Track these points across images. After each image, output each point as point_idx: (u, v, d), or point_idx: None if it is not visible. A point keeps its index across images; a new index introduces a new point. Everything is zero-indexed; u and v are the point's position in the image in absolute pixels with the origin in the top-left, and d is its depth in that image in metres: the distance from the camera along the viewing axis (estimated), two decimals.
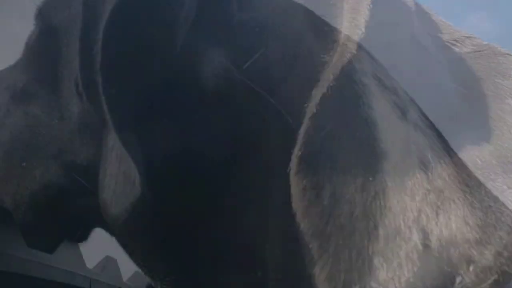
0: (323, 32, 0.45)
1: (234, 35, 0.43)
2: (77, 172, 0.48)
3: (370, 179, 0.36)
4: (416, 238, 0.34)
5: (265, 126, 0.40)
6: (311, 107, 0.39)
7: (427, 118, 0.43)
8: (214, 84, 0.42)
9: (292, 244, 0.36)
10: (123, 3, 0.36)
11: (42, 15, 0.56)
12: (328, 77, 0.41)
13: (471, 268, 0.33)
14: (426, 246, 0.34)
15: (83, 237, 0.58)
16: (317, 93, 0.40)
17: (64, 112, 0.50)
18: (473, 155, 0.40)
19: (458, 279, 0.32)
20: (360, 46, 0.46)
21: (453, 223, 0.35)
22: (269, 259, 0.38)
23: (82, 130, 0.48)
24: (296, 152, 0.37)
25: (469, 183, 0.38)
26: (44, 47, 0.55)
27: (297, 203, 0.36)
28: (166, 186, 0.44)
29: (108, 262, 0.77)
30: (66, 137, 0.50)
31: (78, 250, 0.61)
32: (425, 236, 0.34)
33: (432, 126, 0.42)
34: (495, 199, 0.38)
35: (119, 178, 0.37)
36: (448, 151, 0.40)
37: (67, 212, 0.51)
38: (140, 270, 0.51)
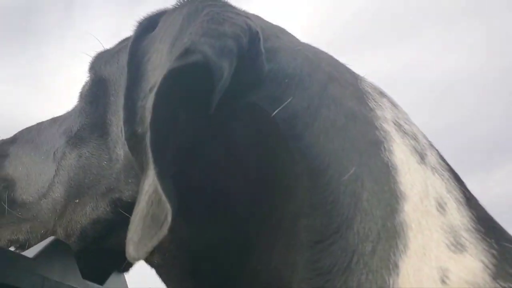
0: (346, 81, 0.50)
1: (264, 85, 0.47)
2: (122, 208, 0.53)
3: (392, 219, 0.40)
4: (435, 274, 0.37)
5: (293, 169, 0.44)
6: (335, 151, 0.43)
7: (444, 161, 0.46)
8: (247, 132, 0.47)
9: (318, 279, 0.39)
10: (172, 75, 0.40)
11: (94, 67, 0.64)
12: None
13: None
14: (444, 282, 0.36)
15: (128, 267, 0.64)
16: (341, 138, 0.44)
17: (111, 154, 0.56)
18: None
19: None
20: (381, 93, 0.50)
21: (469, 262, 0.37)
22: None
23: (127, 170, 0.53)
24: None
25: (484, 224, 0.41)
26: (95, 96, 0.62)
27: (323, 241, 0.40)
28: (196, 221, 0.48)
29: None
30: (113, 177, 0.55)
31: (125, 283, 0.65)
32: (444, 273, 0.36)
33: (450, 169, 0.45)
34: (508, 236, 0.41)
35: (147, 220, 0.40)
36: (465, 193, 0.43)
37: (113, 245, 0.56)
38: None
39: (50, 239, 0.51)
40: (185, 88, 0.42)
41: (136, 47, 0.49)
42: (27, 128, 0.72)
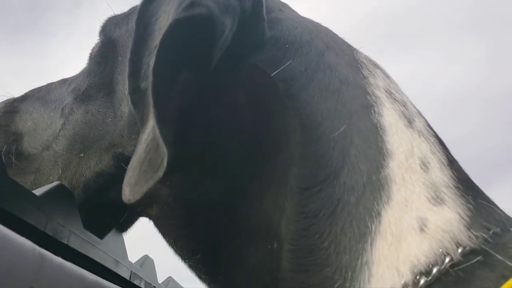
0: (342, 51, 0.53)
1: (265, 49, 0.50)
2: (124, 162, 0.55)
3: (377, 173, 0.43)
4: (415, 223, 0.40)
5: (287, 124, 0.47)
6: (327, 110, 0.47)
7: (431, 128, 0.49)
8: (246, 91, 0.50)
9: (304, 221, 0.43)
10: (176, 25, 0.43)
11: (104, 30, 0.67)
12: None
13: (459, 250, 0.38)
14: (422, 230, 0.39)
15: (126, 226, 0.67)
16: (333, 100, 0.47)
17: (116, 111, 0.59)
18: None
19: (447, 259, 0.37)
20: (375, 64, 0.53)
21: (446, 213, 0.40)
22: (284, 234, 0.44)
23: (130, 127, 0.57)
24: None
25: (464, 183, 0.44)
26: (104, 56, 0.65)
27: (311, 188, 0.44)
28: (192, 174, 0.51)
29: (147, 261, 0.83)
30: (117, 133, 0.58)
31: (123, 243, 0.68)
32: (423, 222, 0.40)
33: (435, 135, 0.48)
34: (485, 196, 0.44)
35: (144, 165, 0.43)
36: (448, 156, 0.46)
37: (113, 199, 0.59)
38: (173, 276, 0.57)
39: (56, 183, 0.54)
40: (188, 43, 0.45)
41: (145, 8, 0.51)
42: (37, 88, 0.75)
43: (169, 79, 0.46)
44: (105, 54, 0.65)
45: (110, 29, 0.66)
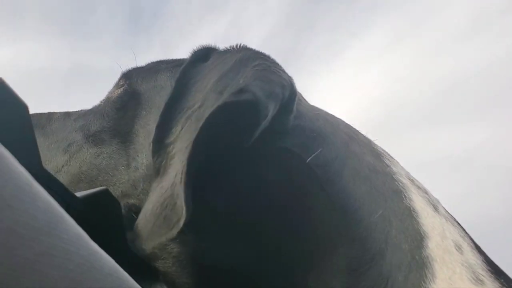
0: (362, 142, 0.59)
1: (295, 136, 0.54)
2: (136, 213, 0.54)
3: (419, 253, 0.46)
4: None
5: (327, 206, 0.50)
6: (363, 195, 0.50)
7: (451, 215, 0.54)
8: (280, 171, 0.53)
9: None
10: (224, 107, 0.46)
11: (128, 79, 0.70)
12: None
13: None
14: None
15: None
16: (367, 185, 0.51)
17: (130, 161, 0.60)
18: None
19: None
20: (390, 154, 0.59)
21: None
22: None
23: (146, 180, 0.57)
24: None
25: (493, 267, 0.48)
26: (125, 105, 0.67)
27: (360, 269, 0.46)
28: (211, 237, 0.52)
29: None
30: (130, 183, 0.59)
31: None
32: None
33: (457, 221, 0.53)
34: None
35: (158, 220, 0.44)
36: (472, 240, 0.51)
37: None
38: None
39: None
40: (231, 121, 0.49)
41: (188, 69, 0.56)
42: (37, 113, 0.74)
43: (205, 144, 0.48)
44: (126, 103, 0.67)
45: (137, 80, 0.69)
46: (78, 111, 0.74)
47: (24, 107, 0.41)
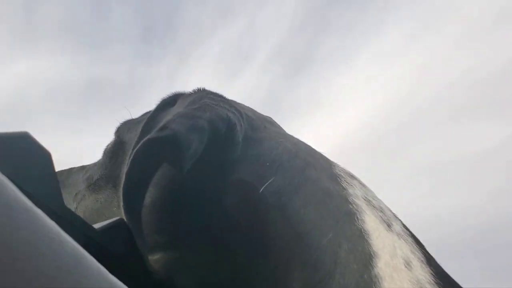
0: (321, 166, 0.63)
1: (249, 165, 0.61)
2: None
3: (368, 272, 0.50)
4: None
5: (281, 232, 0.55)
6: (315, 219, 0.55)
7: (407, 229, 0.58)
8: (239, 200, 0.59)
9: None
10: (148, 143, 0.56)
11: (119, 131, 0.81)
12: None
13: None
14: None
15: None
16: (319, 209, 0.56)
17: (120, 202, 0.67)
18: None
19: None
20: (351, 176, 0.64)
21: None
22: None
23: None
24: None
25: (443, 279, 0.52)
26: (115, 153, 0.78)
27: None
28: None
29: None
30: None
31: None
32: None
33: (411, 235, 0.57)
34: None
35: None
36: (425, 254, 0.54)
37: None
38: None
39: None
40: (164, 154, 0.57)
41: (154, 117, 0.65)
42: (60, 171, 0.88)
43: (139, 180, 0.58)
44: (116, 151, 0.79)
45: (124, 131, 0.80)
46: (90, 164, 0.86)
47: (47, 155, 0.49)
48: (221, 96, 0.72)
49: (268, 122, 0.74)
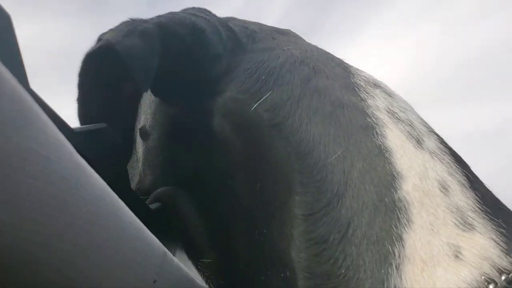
0: (335, 74, 0.51)
1: (242, 82, 0.52)
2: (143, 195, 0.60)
3: (390, 195, 0.39)
4: (447, 249, 0.36)
5: (279, 153, 0.46)
6: (319, 135, 0.45)
7: (445, 145, 0.46)
8: (234, 119, 0.51)
9: (315, 248, 0.40)
10: (86, 58, 0.50)
11: None
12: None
13: (503, 277, 0.33)
14: (457, 258, 0.35)
15: None
16: (325, 124, 0.46)
17: (137, 154, 0.66)
18: None
19: (491, 286, 0.33)
20: (375, 84, 0.52)
21: (480, 239, 0.36)
22: (296, 262, 0.41)
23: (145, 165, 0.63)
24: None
25: (490, 205, 0.40)
26: None
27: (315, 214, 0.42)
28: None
29: None
30: (139, 172, 0.64)
31: None
32: (456, 249, 0.36)
33: (451, 153, 0.45)
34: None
35: None
36: (467, 175, 0.42)
37: None
38: None
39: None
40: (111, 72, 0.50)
41: None
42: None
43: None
44: None
45: None
46: None
47: (7, 17, 0.39)
48: (207, 10, 0.62)
49: (279, 33, 0.63)
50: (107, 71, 0.50)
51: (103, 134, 0.48)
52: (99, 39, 0.51)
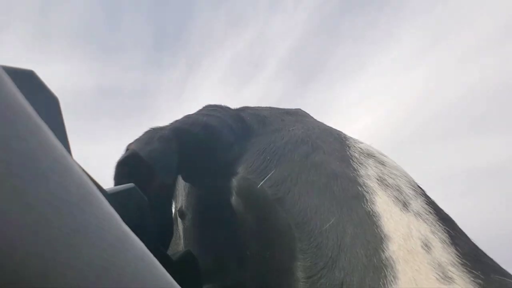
0: (332, 149, 0.59)
1: (250, 164, 0.61)
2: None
3: (377, 255, 0.45)
4: None
5: (282, 224, 0.53)
6: (315, 206, 0.52)
7: (431, 206, 0.52)
8: (244, 196, 0.60)
9: None
10: (118, 163, 0.60)
11: None
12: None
13: None
14: None
15: None
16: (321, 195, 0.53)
17: (178, 232, 0.77)
18: None
19: None
20: (368, 154, 0.59)
21: None
22: None
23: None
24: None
25: (470, 258, 0.45)
26: None
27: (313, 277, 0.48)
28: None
29: None
30: (180, 247, 0.75)
31: None
32: None
33: (435, 213, 0.51)
34: (497, 268, 0.45)
35: None
36: (449, 232, 0.48)
37: None
38: None
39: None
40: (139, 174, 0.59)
41: None
42: None
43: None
44: None
45: None
46: None
47: (55, 100, 0.43)
48: (220, 106, 0.74)
49: (289, 114, 0.74)
50: (136, 172, 0.59)
51: (132, 193, 0.55)
52: (127, 149, 0.61)
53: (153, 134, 0.62)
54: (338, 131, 0.67)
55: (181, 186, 0.73)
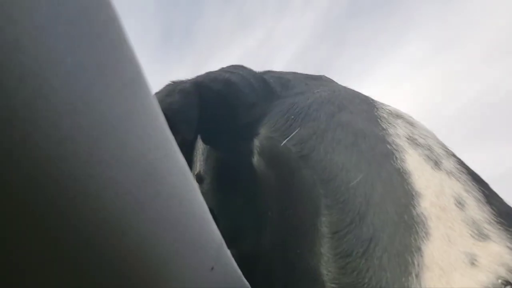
0: (359, 110, 0.58)
1: (274, 123, 0.61)
2: None
3: (408, 212, 0.44)
4: (463, 257, 0.40)
5: (306, 181, 0.53)
6: (342, 163, 0.51)
7: (464, 166, 0.50)
8: (268, 155, 0.59)
9: (340, 261, 0.46)
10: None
11: None
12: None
13: None
14: (473, 265, 0.39)
15: None
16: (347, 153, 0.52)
17: None
18: None
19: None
20: (397, 115, 0.57)
21: (495, 247, 0.40)
22: (325, 275, 0.47)
23: None
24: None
25: (507, 217, 0.43)
26: None
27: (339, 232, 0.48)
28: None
29: None
30: None
31: None
32: (472, 257, 0.40)
33: (468, 172, 0.49)
34: None
35: None
36: (484, 192, 0.46)
37: None
38: None
39: None
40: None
41: None
42: None
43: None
44: None
45: None
46: None
47: None
48: (243, 67, 0.73)
49: (312, 79, 0.73)
50: None
51: None
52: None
53: (173, 87, 0.61)
54: (365, 95, 0.65)
55: (199, 152, 0.72)
